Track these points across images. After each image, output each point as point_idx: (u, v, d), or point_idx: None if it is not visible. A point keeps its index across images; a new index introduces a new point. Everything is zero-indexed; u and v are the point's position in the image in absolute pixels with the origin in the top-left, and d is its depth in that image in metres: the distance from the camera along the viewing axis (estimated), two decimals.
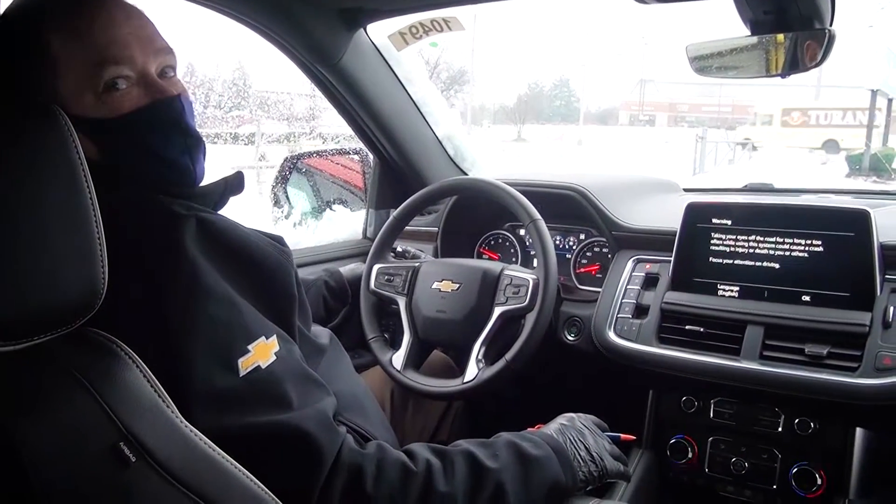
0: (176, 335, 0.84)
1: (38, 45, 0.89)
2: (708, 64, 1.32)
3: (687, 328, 1.48)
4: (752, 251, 1.46)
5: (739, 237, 1.47)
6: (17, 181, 0.70)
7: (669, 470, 1.58)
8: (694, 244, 1.52)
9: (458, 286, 1.52)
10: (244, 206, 1.23)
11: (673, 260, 1.55)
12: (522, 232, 1.98)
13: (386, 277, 1.62)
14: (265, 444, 0.86)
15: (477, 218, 2.00)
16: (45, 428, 0.71)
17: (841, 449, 1.39)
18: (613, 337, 1.55)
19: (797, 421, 1.41)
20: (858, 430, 1.38)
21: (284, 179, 2.29)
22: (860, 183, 11.39)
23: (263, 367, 0.88)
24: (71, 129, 0.74)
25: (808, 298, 1.39)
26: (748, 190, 2.03)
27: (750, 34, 1.24)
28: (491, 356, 1.45)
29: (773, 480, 1.45)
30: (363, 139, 2.02)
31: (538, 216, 1.50)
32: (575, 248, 1.88)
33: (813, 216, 1.41)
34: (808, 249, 1.40)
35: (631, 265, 1.64)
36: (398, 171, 2.06)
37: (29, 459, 0.69)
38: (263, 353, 0.89)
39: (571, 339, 1.67)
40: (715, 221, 1.50)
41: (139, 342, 0.79)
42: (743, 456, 1.48)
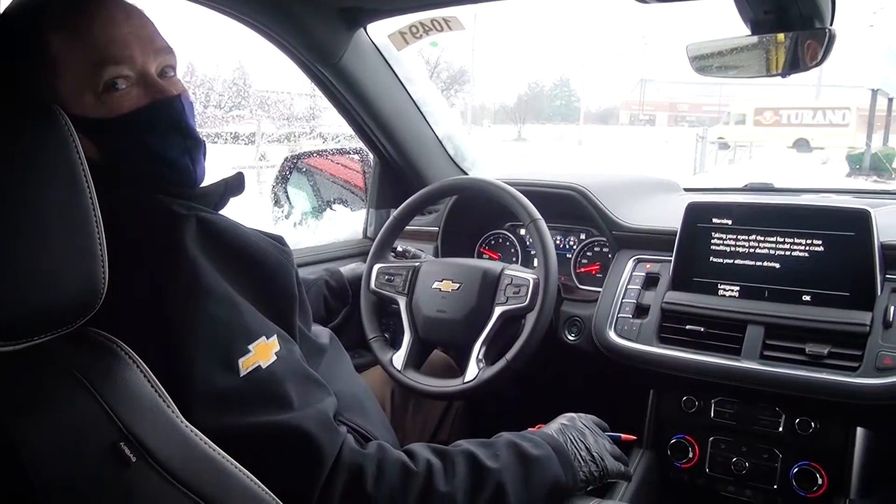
0: (176, 335, 0.84)
1: (37, 44, 0.89)
2: (708, 63, 1.32)
3: (687, 328, 1.48)
4: (752, 251, 1.46)
5: (740, 237, 1.47)
6: (17, 181, 0.70)
7: (670, 470, 1.58)
8: (694, 244, 1.52)
9: (458, 286, 1.52)
10: (244, 205, 1.23)
11: (673, 260, 1.55)
12: (523, 232, 1.98)
13: (386, 277, 1.62)
14: (265, 444, 0.86)
15: (477, 218, 2.00)
16: (45, 428, 0.71)
17: (842, 449, 1.39)
18: (614, 337, 1.55)
19: (798, 421, 1.41)
20: (859, 429, 1.38)
21: (285, 179, 2.29)
22: (861, 182, 11.38)
23: (264, 366, 0.88)
24: (71, 128, 0.74)
25: (808, 298, 1.39)
26: (748, 189, 2.03)
27: (750, 34, 1.24)
28: (491, 356, 1.45)
29: (773, 480, 1.45)
30: (363, 139, 2.01)
31: (538, 216, 1.50)
32: (575, 247, 1.88)
33: (813, 216, 1.41)
34: (808, 249, 1.40)
35: (631, 265, 1.64)
36: (398, 170, 2.06)
37: (29, 459, 0.69)
38: (264, 353, 0.89)
39: (572, 338, 1.67)
40: (715, 221, 1.50)
41: (139, 342, 0.79)
42: (744, 456, 1.48)
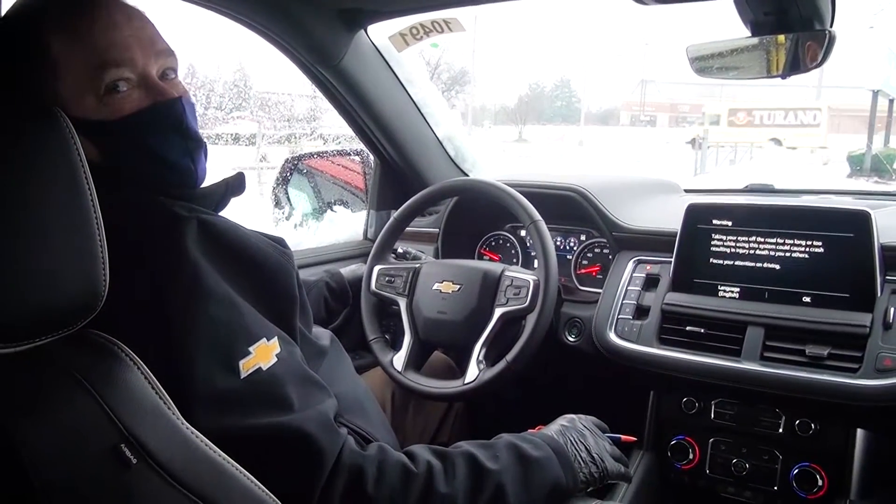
0: (177, 336, 0.85)
1: (38, 46, 0.89)
2: (709, 65, 1.32)
3: (687, 329, 1.48)
4: (752, 252, 1.46)
5: (740, 238, 1.47)
6: (18, 183, 0.70)
7: (670, 471, 1.58)
8: (694, 245, 1.52)
9: (458, 287, 1.52)
10: (245, 207, 1.23)
11: (673, 261, 1.55)
12: (523, 233, 1.98)
13: (387, 278, 1.62)
14: (266, 445, 0.86)
15: (478, 219, 2.00)
16: (45, 429, 0.71)
17: (842, 450, 1.39)
18: (614, 338, 1.55)
19: (798, 422, 1.41)
20: (859, 431, 1.38)
21: (285, 180, 2.29)
22: (861, 183, 11.39)
23: (265, 368, 0.88)
24: (72, 130, 0.74)
25: (808, 299, 1.39)
26: (749, 191, 2.03)
27: (750, 35, 1.24)
28: (492, 357, 1.45)
29: (774, 482, 1.45)
30: (364, 140, 2.02)
31: (539, 217, 1.50)
32: (576, 249, 1.88)
33: (813, 217, 1.41)
34: (808, 250, 1.40)
35: (631, 266, 1.64)
36: (399, 172, 2.06)
37: (30, 461, 0.69)
38: (265, 354, 0.89)
39: (572, 340, 1.67)
40: (715, 222, 1.50)
41: (140, 344, 0.79)
42: (744, 457, 1.48)
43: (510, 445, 1.05)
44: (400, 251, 1.78)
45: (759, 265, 1.45)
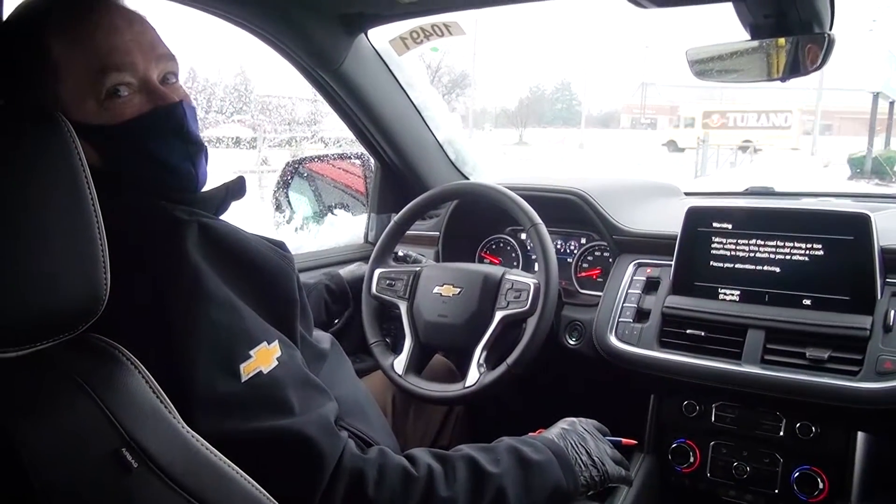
0: (178, 340, 0.85)
1: (40, 50, 0.89)
2: (708, 67, 1.32)
3: (688, 332, 1.48)
4: (752, 255, 1.46)
5: (740, 241, 1.47)
6: (19, 187, 0.70)
7: (671, 474, 1.58)
8: (694, 248, 1.52)
9: (459, 290, 1.52)
10: (246, 210, 1.23)
11: (674, 264, 1.55)
12: (524, 236, 1.98)
13: (387, 282, 1.62)
14: (267, 449, 0.86)
15: (478, 222, 2.00)
16: (46, 434, 0.71)
17: (843, 453, 1.38)
18: (615, 341, 1.55)
19: (799, 425, 1.41)
20: (860, 434, 1.38)
21: (286, 184, 2.29)
22: (862, 186, 11.39)
23: (265, 372, 0.88)
24: (73, 135, 0.74)
25: (808, 302, 1.39)
26: (749, 193, 2.03)
27: (750, 38, 1.24)
28: (492, 361, 1.45)
29: (775, 485, 1.45)
30: (364, 144, 2.02)
31: (539, 220, 1.50)
32: (576, 252, 1.88)
33: (813, 220, 1.41)
34: (808, 253, 1.40)
35: (632, 269, 1.64)
36: (399, 175, 2.06)
37: (30, 465, 0.69)
38: (265, 358, 0.89)
39: (573, 343, 1.67)
40: (715, 225, 1.50)
41: (141, 348, 0.79)
42: (745, 460, 1.48)
43: (511, 449, 1.05)
44: (400, 254, 1.78)
45: (759, 268, 1.45)
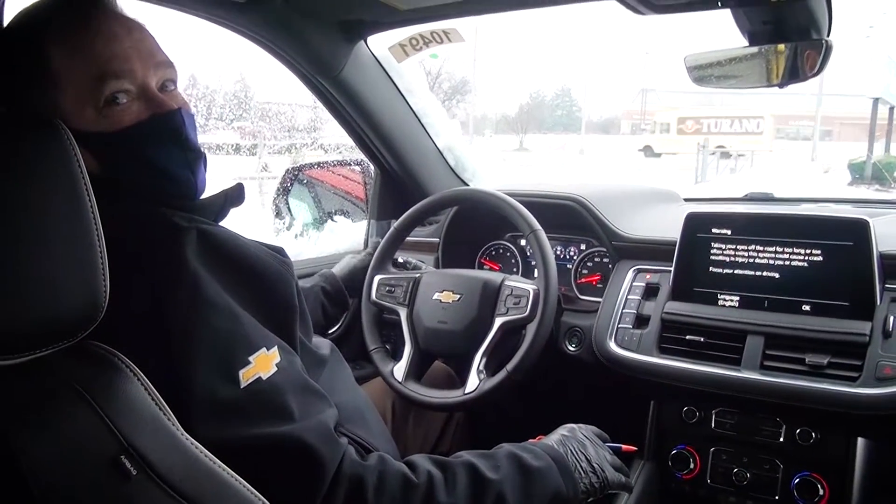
0: (177, 347, 0.85)
1: (39, 58, 0.89)
2: (707, 74, 1.32)
3: (687, 338, 1.48)
4: (752, 261, 1.46)
5: (739, 247, 1.47)
6: (19, 194, 0.70)
7: (671, 481, 1.57)
8: (694, 254, 1.52)
9: (458, 297, 1.52)
10: (246, 217, 1.24)
11: (673, 270, 1.55)
12: (523, 242, 1.98)
13: (387, 288, 1.62)
14: (266, 456, 0.86)
15: (478, 228, 2.01)
16: (46, 441, 0.71)
17: (843, 459, 1.38)
18: (614, 347, 1.55)
19: (798, 431, 1.40)
20: (860, 439, 1.38)
21: (286, 190, 2.29)
22: (863, 191, 11.38)
23: (265, 378, 0.88)
24: (73, 142, 0.75)
25: (808, 308, 1.39)
26: (748, 199, 2.03)
27: (748, 45, 1.25)
28: (492, 367, 1.45)
29: (775, 491, 1.44)
30: (364, 150, 2.02)
31: (538, 226, 1.50)
32: (576, 258, 1.88)
33: (812, 226, 1.41)
34: (807, 259, 1.40)
35: (631, 275, 1.64)
36: (399, 181, 2.07)
37: (30, 472, 0.70)
38: (265, 364, 0.89)
39: (572, 349, 1.67)
40: (715, 231, 1.50)
41: (140, 355, 0.79)
42: (745, 466, 1.48)
43: (511, 455, 1.05)
44: (400, 261, 1.79)
45: (758, 274, 1.45)
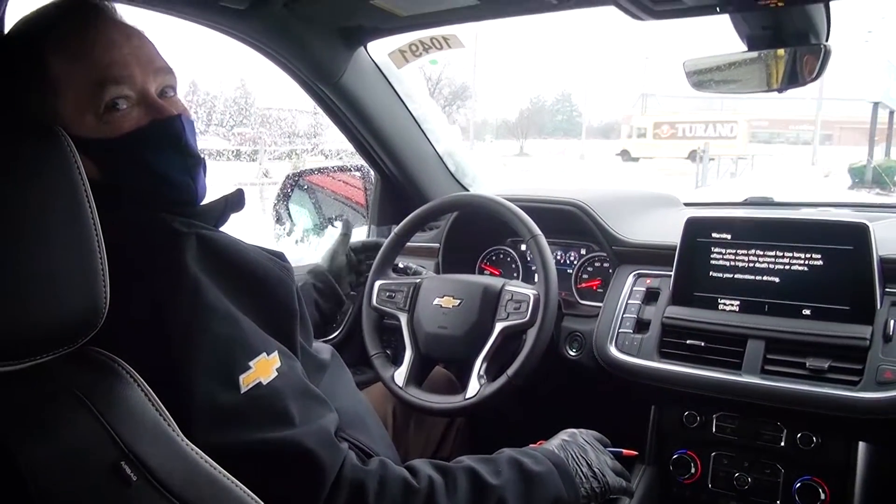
0: (178, 352, 0.85)
1: (39, 65, 0.90)
2: (706, 78, 1.33)
3: (688, 343, 1.48)
4: (752, 265, 1.46)
5: (739, 251, 1.47)
6: (19, 201, 0.71)
7: (672, 485, 1.57)
8: (694, 258, 1.52)
9: (459, 302, 1.52)
10: (247, 223, 1.24)
11: (673, 274, 1.55)
12: (523, 247, 1.98)
13: (387, 294, 1.62)
14: (267, 460, 0.86)
15: (478, 234, 2.01)
16: (46, 447, 0.71)
17: (844, 463, 1.38)
18: (615, 352, 1.55)
19: (799, 435, 1.40)
20: (861, 444, 1.37)
21: (286, 196, 2.29)
22: (863, 195, 11.39)
23: (265, 383, 0.88)
24: (73, 149, 0.75)
25: (808, 312, 1.39)
26: (748, 204, 2.04)
27: (747, 50, 1.25)
28: (492, 372, 1.45)
29: (776, 495, 1.44)
30: (364, 156, 2.02)
31: (538, 231, 1.50)
32: (576, 263, 1.88)
33: (812, 230, 1.41)
34: (808, 263, 1.40)
35: (632, 280, 1.64)
36: (399, 187, 2.07)
37: (30, 478, 0.69)
38: (265, 369, 0.89)
39: (573, 354, 1.67)
40: (715, 236, 1.50)
41: (141, 360, 0.80)
42: (746, 471, 1.47)
43: (511, 460, 1.05)
44: (401, 266, 1.79)
45: (758, 278, 1.45)
